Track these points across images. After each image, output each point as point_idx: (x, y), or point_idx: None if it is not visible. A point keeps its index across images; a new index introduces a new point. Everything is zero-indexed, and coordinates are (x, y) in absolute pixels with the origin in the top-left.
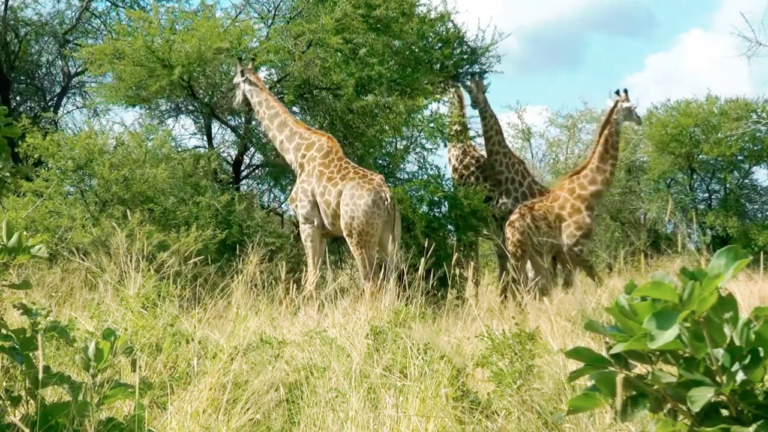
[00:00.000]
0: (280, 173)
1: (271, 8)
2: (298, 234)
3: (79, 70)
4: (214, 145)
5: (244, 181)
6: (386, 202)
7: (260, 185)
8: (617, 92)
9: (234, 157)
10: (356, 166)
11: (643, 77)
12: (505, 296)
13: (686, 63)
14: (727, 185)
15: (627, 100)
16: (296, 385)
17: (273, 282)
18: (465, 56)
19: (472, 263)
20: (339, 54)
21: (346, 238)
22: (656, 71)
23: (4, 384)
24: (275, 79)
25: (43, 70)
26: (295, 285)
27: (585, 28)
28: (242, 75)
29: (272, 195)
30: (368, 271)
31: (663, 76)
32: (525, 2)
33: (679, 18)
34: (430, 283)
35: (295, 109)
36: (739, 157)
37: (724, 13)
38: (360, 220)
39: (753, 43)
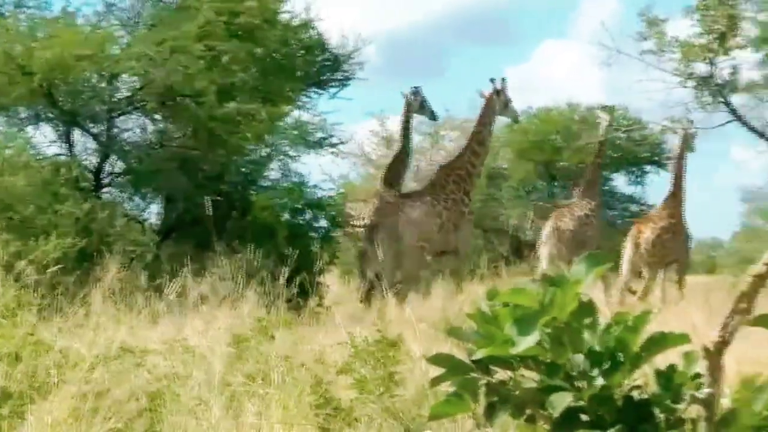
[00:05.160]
0: (142, 181)
1: (133, 15)
2: (160, 242)
3: None
4: (75, 153)
5: (105, 189)
6: None
7: (122, 193)
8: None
9: (95, 165)
10: None
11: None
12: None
13: (543, 72)
14: None
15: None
16: (158, 393)
17: (133, 290)
18: (328, 63)
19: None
20: (201, 61)
21: None
22: (515, 80)
23: None
24: (138, 87)
25: None
26: (155, 293)
27: (447, 37)
28: None
29: (134, 203)
30: None
31: (521, 85)
32: (388, 10)
33: (536, 28)
34: (292, 291)
35: (157, 116)
36: None
37: (578, 23)
38: None
39: (612, 51)
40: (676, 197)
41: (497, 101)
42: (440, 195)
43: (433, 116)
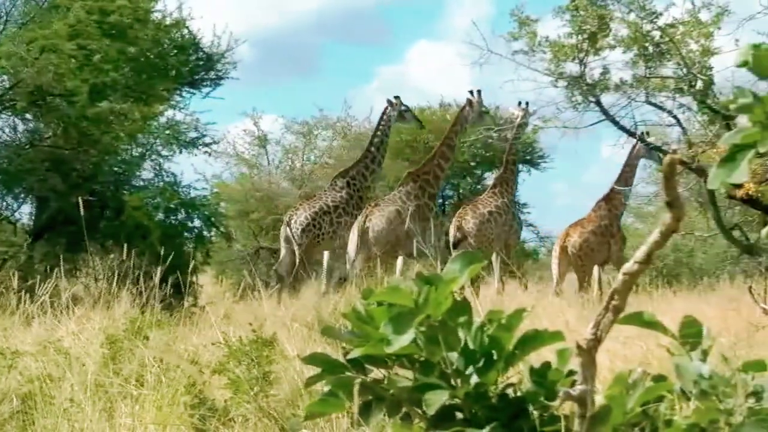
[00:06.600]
0: (12, 181)
1: (2, 14)
2: (33, 242)
3: None
4: None
5: None
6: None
7: None
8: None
9: None
10: None
11: (373, 87)
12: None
13: (416, 72)
14: (461, 191)
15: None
16: (30, 395)
17: (4, 291)
18: (201, 63)
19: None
20: (73, 60)
21: None
22: (386, 81)
23: None
24: (7, 86)
25: None
26: (28, 294)
27: (319, 37)
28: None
29: (5, 203)
30: None
31: (393, 85)
32: (260, 9)
33: (407, 28)
34: (166, 291)
35: (28, 116)
36: (472, 163)
37: (452, 24)
38: None
39: (484, 51)
40: (610, 201)
41: (470, 111)
42: (406, 203)
43: (420, 125)
